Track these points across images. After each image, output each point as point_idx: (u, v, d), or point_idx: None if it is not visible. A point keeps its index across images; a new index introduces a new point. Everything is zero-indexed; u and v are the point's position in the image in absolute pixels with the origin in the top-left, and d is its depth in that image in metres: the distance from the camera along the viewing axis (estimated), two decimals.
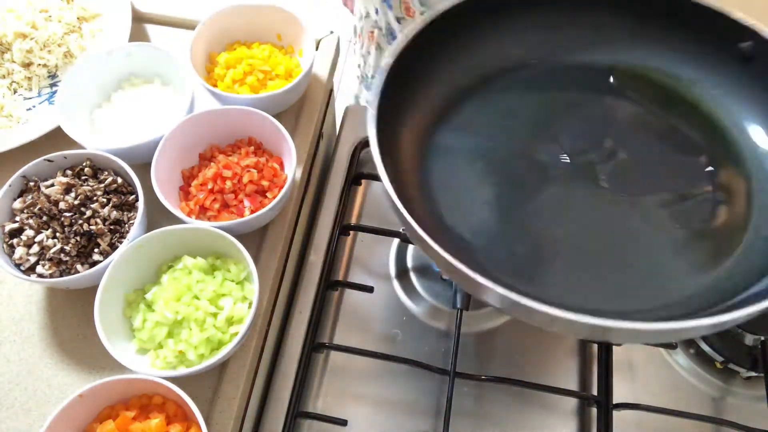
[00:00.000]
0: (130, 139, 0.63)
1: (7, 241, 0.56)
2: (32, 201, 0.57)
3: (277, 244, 0.63)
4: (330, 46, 0.77)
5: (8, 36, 0.71)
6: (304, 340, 0.62)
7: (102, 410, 0.51)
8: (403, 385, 0.62)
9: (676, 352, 0.64)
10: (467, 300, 0.63)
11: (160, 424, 0.48)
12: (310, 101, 0.72)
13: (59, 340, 0.58)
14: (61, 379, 0.56)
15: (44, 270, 0.54)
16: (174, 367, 0.53)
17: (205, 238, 0.56)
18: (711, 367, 0.63)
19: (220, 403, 0.55)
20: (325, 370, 0.63)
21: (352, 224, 0.70)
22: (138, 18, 0.78)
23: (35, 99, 0.71)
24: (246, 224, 0.58)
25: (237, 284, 0.56)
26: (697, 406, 0.61)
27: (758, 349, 0.61)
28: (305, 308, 0.65)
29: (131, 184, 0.60)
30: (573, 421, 0.60)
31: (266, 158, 0.63)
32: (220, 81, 0.68)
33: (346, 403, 0.61)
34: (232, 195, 0.60)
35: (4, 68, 0.71)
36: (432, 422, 0.60)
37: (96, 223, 0.56)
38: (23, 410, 0.55)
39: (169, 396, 0.50)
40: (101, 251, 0.56)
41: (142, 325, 0.54)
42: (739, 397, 0.62)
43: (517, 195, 0.54)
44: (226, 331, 0.54)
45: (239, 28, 0.71)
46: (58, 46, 0.73)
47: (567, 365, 0.63)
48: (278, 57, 0.70)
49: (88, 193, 0.57)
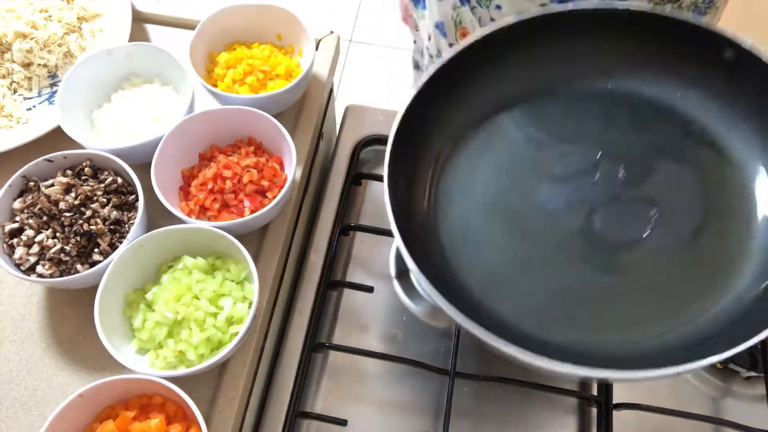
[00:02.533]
0: (130, 139, 0.63)
1: (7, 241, 0.56)
2: (32, 201, 0.57)
3: (277, 244, 0.63)
4: (330, 46, 0.77)
5: (8, 36, 0.71)
6: (304, 340, 0.62)
7: (102, 410, 0.51)
8: (403, 385, 0.62)
9: None
10: None
11: (160, 424, 0.48)
12: (310, 101, 0.72)
13: (59, 340, 0.58)
14: (61, 379, 0.56)
15: (44, 270, 0.54)
16: (174, 367, 0.53)
17: (205, 238, 0.56)
18: (711, 367, 0.63)
19: (220, 403, 0.55)
20: (325, 370, 0.63)
21: (352, 224, 0.70)
22: (138, 18, 0.78)
23: (35, 99, 0.71)
24: (246, 224, 0.58)
25: (237, 284, 0.56)
26: (697, 406, 0.61)
27: (758, 349, 0.61)
28: (305, 308, 0.65)
29: (131, 184, 0.60)
30: (573, 421, 0.60)
31: (266, 158, 0.63)
32: (220, 81, 0.68)
33: (346, 403, 0.61)
34: (232, 195, 0.60)
35: (4, 68, 0.71)
36: (432, 422, 0.60)
37: (96, 223, 0.56)
38: (23, 410, 0.55)
39: (169, 396, 0.50)
40: (101, 251, 0.56)
41: (142, 325, 0.54)
42: (739, 397, 0.62)
43: (517, 240, 0.56)
44: (226, 331, 0.54)
45: (239, 28, 0.71)
46: (58, 46, 0.73)
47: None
48: (278, 57, 0.70)
49: (88, 193, 0.57)
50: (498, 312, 0.52)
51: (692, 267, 0.53)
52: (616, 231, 0.55)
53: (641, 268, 0.54)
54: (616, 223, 0.55)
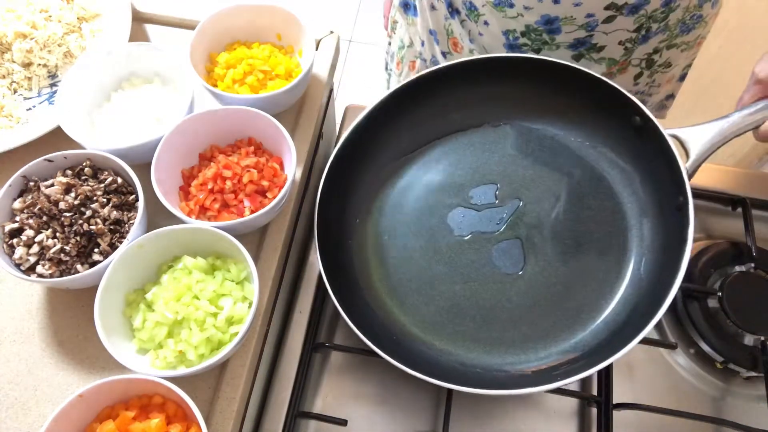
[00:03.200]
0: (130, 139, 0.63)
1: (7, 241, 0.56)
2: (32, 201, 0.57)
3: (277, 244, 0.63)
4: (330, 46, 0.77)
5: (8, 36, 0.71)
6: (304, 340, 0.63)
7: (102, 410, 0.51)
8: (403, 385, 0.62)
9: (676, 352, 0.64)
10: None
11: (160, 424, 0.48)
12: (310, 101, 0.72)
13: (59, 340, 0.58)
14: (61, 379, 0.56)
15: (44, 270, 0.54)
16: (174, 367, 0.53)
17: (205, 238, 0.56)
18: (711, 367, 0.63)
19: (220, 403, 0.55)
20: (325, 370, 0.63)
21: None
22: (138, 18, 0.78)
23: (35, 99, 0.71)
24: (246, 224, 0.58)
25: (237, 284, 0.56)
26: (697, 406, 0.61)
27: (758, 349, 0.61)
28: (305, 308, 0.65)
29: (131, 184, 0.60)
30: (573, 421, 0.60)
31: (266, 158, 0.63)
32: (220, 81, 0.68)
33: (346, 403, 0.61)
34: (232, 195, 0.60)
35: (4, 68, 0.71)
36: (432, 422, 0.60)
37: (96, 223, 0.56)
38: (23, 410, 0.55)
39: (169, 396, 0.50)
40: (101, 251, 0.56)
41: (142, 325, 0.54)
42: (739, 397, 0.62)
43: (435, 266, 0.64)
44: (226, 331, 0.54)
45: (239, 28, 0.71)
46: (58, 46, 0.73)
47: None
48: (278, 57, 0.70)
49: (88, 193, 0.57)
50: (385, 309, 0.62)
51: (563, 301, 0.60)
52: (505, 263, 0.62)
53: (520, 297, 0.61)
54: (505, 256, 0.63)
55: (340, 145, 0.64)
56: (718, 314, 0.63)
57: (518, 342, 0.59)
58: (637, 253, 0.61)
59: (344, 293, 0.58)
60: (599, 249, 0.62)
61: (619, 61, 0.75)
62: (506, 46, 0.75)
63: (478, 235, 0.64)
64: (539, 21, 0.69)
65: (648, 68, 0.79)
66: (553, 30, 0.70)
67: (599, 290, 0.60)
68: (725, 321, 0.62)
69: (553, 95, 0.67)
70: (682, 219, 0.55)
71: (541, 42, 0.72)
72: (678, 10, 0.70)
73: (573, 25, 0.69)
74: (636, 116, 0.60)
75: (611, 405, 0.58)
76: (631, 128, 0.62)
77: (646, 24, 0.69)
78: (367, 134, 0.66)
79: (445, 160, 0.69)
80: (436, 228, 0.65)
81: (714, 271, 0.66)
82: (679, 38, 0.76)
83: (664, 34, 0.73)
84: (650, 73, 0.81)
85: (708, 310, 0.63)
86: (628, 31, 0.70)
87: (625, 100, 0.60)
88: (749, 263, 0.65)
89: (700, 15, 0.74)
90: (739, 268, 0.66)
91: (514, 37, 0.73)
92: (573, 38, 0.71)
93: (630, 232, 0.62)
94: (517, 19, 0.70)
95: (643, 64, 0.78)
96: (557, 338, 0.59)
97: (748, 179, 0.74)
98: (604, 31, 0.69)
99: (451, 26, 0.80)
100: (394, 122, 0.68)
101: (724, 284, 0.64)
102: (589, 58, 0.74)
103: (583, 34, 0.70)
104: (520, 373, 0.57)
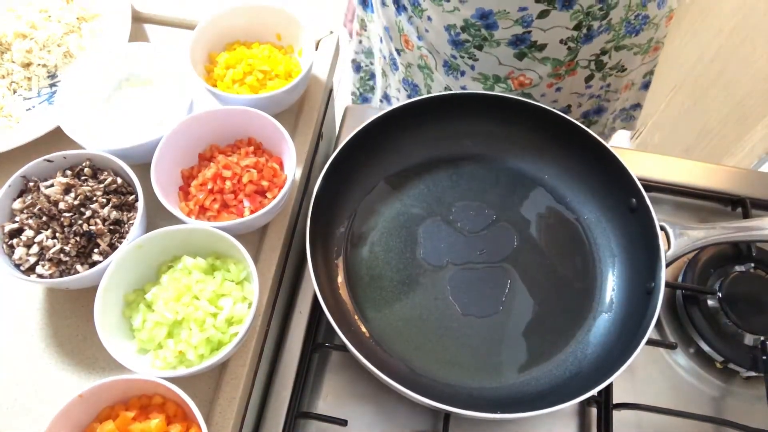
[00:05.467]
0: (130, 139, 0.63)
1: (6, 241, 0.56)
2: (32, 201, 0.57)
3: (277, 245, 0.63)
4: (330, 46, 0.77)
5: (8, 36, 0.71)
6: (304, 340, 0.62)
7: (102, 410, 0.51)
8: None
9: (676, 352, 0.64)
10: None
11: (160, 424, 0.48)
12: (310, 101, 0.72)
13: (59, 340, 0.58)
14: (61, 379, 0.56)
15: (44, 270, 0.54)
16: (174, 368, 0.53)
17: (205, 238, 0.56)
18: (711, 367, 0.63)
19: (220, 403, 0.55)
20: (325, 370, 0.63)
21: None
22: (138, 18, 0.78)
23: (35, 99, 0.71)
24: (246, 224, 0.58)
25: (237, 284, 0.56)
26: (697, 406, 0.61)
27: (758, 349, 0.61)
28: (305, 308, 0.65)
29: (131, 184, 0.60)
30: (573, 421, 0.60)
31: (266, 158, 0.63)
32: (220, 81, 0.68)
33: (346, 403, 0.61)
34: (232, 195, 0.60)
35: (4, 68, 0.71)
36: (432, 422, 0.60)
37: (96, 224, 0.56)
38: (23, 410, 0.55)
39: (169, 396, 0.50)
40: (101, 251, 0.56)
41: (142, 325, 0.54)
42: (739, 397, 0.62)
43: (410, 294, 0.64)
44: (226, 331, 0.54)
45: (239, 28, 0.71)
46: (58, 46, 0.73)
47: None
48: (278, 57, 0.70)
49: (87, 194, 0.57)
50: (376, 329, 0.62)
51: (540, 334, 0.62)
52: (477, 298, 0.64)
53: (496, 328, 0.62)
54: (477, 288, 0.64)
55: (322, 176, 0.63)
56: (718, 314, 0.63)
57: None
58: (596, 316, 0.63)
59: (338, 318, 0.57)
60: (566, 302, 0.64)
61: (564, 62, 0.74)
62: (450, 42, 0.74)
63: (453, 263, 0.65)
64: (474, 15, 0.69)
65: (599, 70, 0.78)
66: (490, 25, 0.69)
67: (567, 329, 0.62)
68: (725, 321, 0.62)
69: (548, 145, 0.69)
70: (649, 302, 0.56)
71: (481, 38, 0.72)
72: (619, 8, 0.69)
73: (508, 20, 0.68)
74: (633, 198, 0.62)
75: (611, 405, 0.58)
76: (626, 209, 0.64)
77: (586, 21, 0.69)
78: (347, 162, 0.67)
79: (427, 190, 0.70)
80: (409, 261, 0.65)
81: (713, 271, 0.66)
82: (628, 39, 0.75)
83: (608, 33, 0.72)
84: (602, 75, 0.80)
85: (708, 310, 0.64)
86: (567, 29, 0.69)
87: (628, 179, 0.62)
88: (749, 263, 0.65)
89: (646, 15, 0.73)
90: (738, 268, 0.66)
91: (456, 32, 0.72)
92: (511, 34, 0.70)
93: (599, 292, 0.64)
94: (454, 13, 0.70)
95: (592, 66, 0.77)
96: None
97: (748, 179, 0.74)
98: (541, 27, 0.69)
99: (401, 23, 0.79)
100: (380, 145, 0.69)
101: (723, 284, 0.64)
102: (532, 57, 0.73)
103: (521, 30, 0.69)
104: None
